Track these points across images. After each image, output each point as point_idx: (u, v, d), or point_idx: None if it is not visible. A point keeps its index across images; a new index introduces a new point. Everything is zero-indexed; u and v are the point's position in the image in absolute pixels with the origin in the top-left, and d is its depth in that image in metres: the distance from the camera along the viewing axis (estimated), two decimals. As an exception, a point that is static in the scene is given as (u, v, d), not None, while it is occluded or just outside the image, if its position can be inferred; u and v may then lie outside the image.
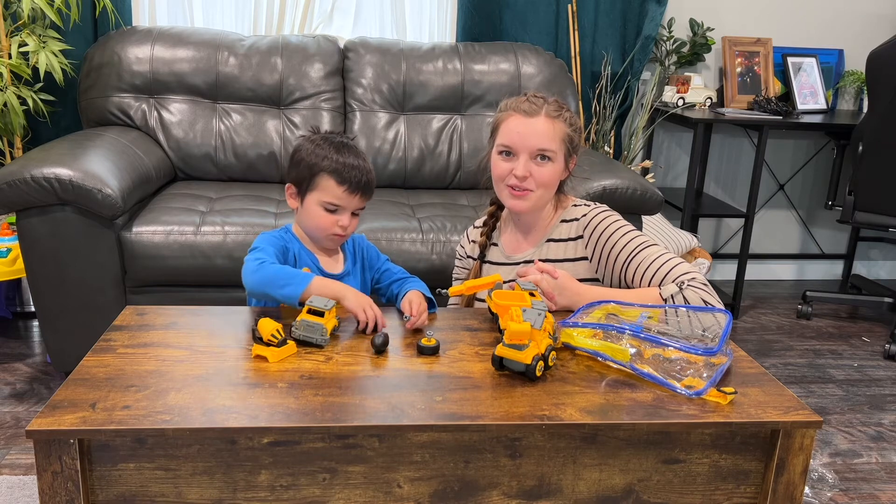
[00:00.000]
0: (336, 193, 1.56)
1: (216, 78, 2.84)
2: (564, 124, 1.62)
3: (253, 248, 1.54)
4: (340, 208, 1.58)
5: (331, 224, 1.58)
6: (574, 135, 1.64)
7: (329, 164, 1.56)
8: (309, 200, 1.58)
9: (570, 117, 1.64)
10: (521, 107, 1.61)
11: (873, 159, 2.92)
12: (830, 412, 2.51)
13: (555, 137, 1.60)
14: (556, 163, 1.61)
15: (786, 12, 3.52)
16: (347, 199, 1.57)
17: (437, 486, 1.16)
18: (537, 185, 1.61)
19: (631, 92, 3.30)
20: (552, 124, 1.60)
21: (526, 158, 1.60)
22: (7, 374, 2.52)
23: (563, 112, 1.63)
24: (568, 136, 1.62)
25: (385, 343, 1.34)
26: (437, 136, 2.97)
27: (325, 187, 1.56)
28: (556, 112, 1.61)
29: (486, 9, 3.16)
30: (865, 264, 3.96)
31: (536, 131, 1.59)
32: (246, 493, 1.13)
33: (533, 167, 1.60)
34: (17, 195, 2.13)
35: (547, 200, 1.67)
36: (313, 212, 1.58)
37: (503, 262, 1.75)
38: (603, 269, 1.64)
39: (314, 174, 1.57)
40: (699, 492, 1.21)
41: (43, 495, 1.09)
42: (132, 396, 1.15)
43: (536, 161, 1.60)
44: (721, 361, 1.30)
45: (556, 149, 1.60)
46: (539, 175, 1.60)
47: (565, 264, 1.66)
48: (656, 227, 3.02)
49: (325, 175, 1.56)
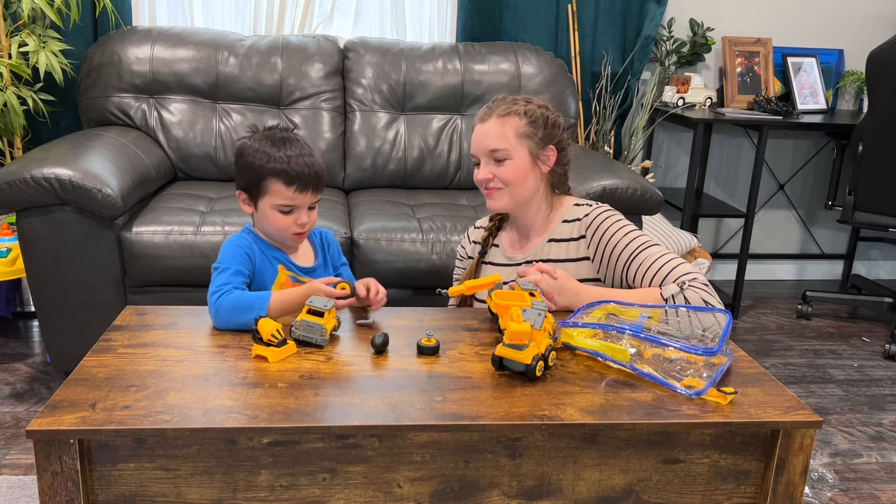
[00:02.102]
0: (287, 195, 1.53)
1: (216, 78, 2.84)
2: (518, 119, 1.62)
3: (215, 266, 1.51)
4: (295, 207, 1.55)
5: (289, 224, 1.56)
6: (533, 128, 1.63)
7: (274, 166, 1.52)
8: (262, 205, 1.56)
9: (528, 111, 1.63)
10: (480, 114, 1.68)
11: (873, 159, 2.92)
12: (830, 412, 2.51)
13: (504, 136, 1.62)
14: (515, 159, 1.62)
15: (786, 12, 3.52)
16: (299, 197, 1.54)
17: (437, 486, 1.16)
18: (504, 184, 1.64)
19: (631, 92, 3.30)
20: (501, 123, 1.62)
21: (485, 161, 1.65)
22: (7, 374, 2.52)
23: (520, 107, 1.63)
24: (525, 131, 1.62)
25: (385, 343, 1.34)
26: (437, 136, 2.97)
27: (275, 190, 1.53)
28: (506, 110, 1.63)
29: (486, 9, 3.16)
30: (865, 264, 3.96)
31: (485, 133, 1.64)
32: (246, 493, 1.13)
33: (493, 169, 1.64)
34: (17, 195, 2.13)
35: (527, 196, 1.67)
36: (269, 216, 1.56)
37: (503, 263, 1.75)
38: (605, 270, 1.64)
39: (261, 178, 1.53)
40: (699, 492, 1.21)
41: (43, 495, 1.09)
42: (132, 396, 1.15)
43: (494, 162, 1.64)
44: (721, 361, 1.30)
45: (509, 146, 1.62)
46: (501, 174, 1.63)
47: (567, 264, 1.66)
48: (656, 227, 3.02)
49: (272, 179, 1.53)
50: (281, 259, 1.61)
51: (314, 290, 1.45)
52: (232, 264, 1.51)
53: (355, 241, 2.40)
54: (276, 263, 1.59)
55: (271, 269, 1.58)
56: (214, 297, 1.43)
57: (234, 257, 1.53)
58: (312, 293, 1.44)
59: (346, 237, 2.40)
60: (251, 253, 1.56)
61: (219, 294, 1.43)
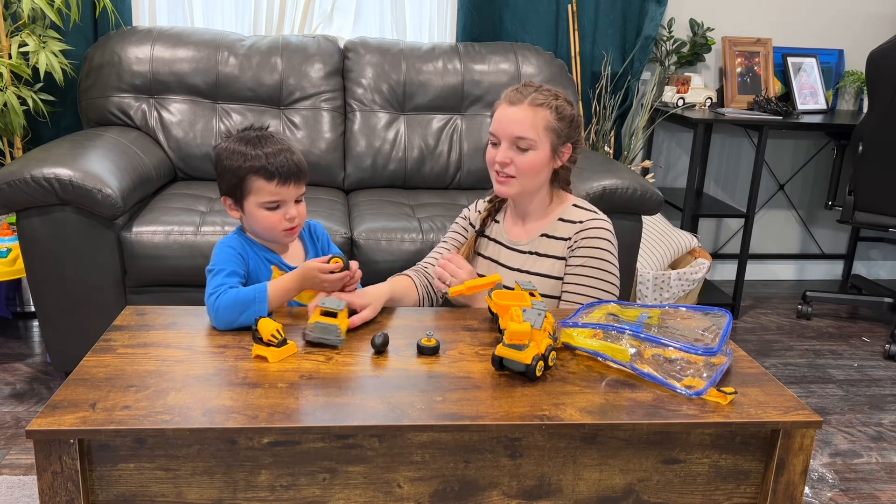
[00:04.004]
0: (270, 190, 1.53)
1: (216, 78, 2.84)
2: (549, 112, 1.62)
3: (209, 269, 1.52)
4: (281, 202, 1.55)
5: (278, 221, 1.56)
6: (561, 124, 1.64)
7: (252, 164, 1.52)
8: (248, 206, 1.56)
9: (560, 106, 1.64)
10: (509, 95, 1.65)
11: (873, 159, 2.92)
12: (830, 412, 2.51)
13: (534, 125, 1.61)
14: (538, 151, 1.62)
15: (786, 12, 3.52)
16: (283, 191, 1.53)
17: (437, 486, 1.16)
18: (519, 173, 1.64)
19: (631, 92, 3.30)
20: (533, 112, 1.61)
21: (507, 146, 1.63)
22: (7, 374, 2.51)
23: (552, 101, 1.63)
24: (553, 125, 1.63)
25: (385, 343, 1.34)
26: (437, 136, 2.97)
27: (257, 188, 1.53)
28: (541, 100, 1.62)
29: (486, 9, 3.16)
30: (865, 264, 3.96)
31: (515, 119, 1.62)
32: (246, 493, 1.13)
33: (514, 155, 1.63)
34: (17, 195, 2.13)
35: (535, 187, 1.69)
36: (257, 215, 1.55)
37: (502, 243, 1.78)
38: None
39: (242, 179, 1.53)
40: (699, 492, 1.21)
41: (43, 495, 1.09)
42: (132, 396, 1.15)
43: (517, 149, 1.63)
44: (721, 361, 1.30)
45: (536, 137, 1.61)
46: (520, 162, 1.63)
47: (553, 261, 1.70)
48: (656, 227, 3.02)
49: (252, 176, 1.52)
50: (273, 260, 1.61)
51: (308, 270, 1.47)
52: (227, 265, 1.51)
53: (355, 241, 2.40)
54: (269, 265, 1.60)
55: (265, 271, 1.59)
56: (212, 299, 1.43)
57: (228, 258, 1.53)
58: (307, 274, 1.46)
59: (346, 237, 2.40)
60: (244, 254, 1.57)
61: (216, 295, 1.43)
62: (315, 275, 1.47)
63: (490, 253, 1.79)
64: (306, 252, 1.69)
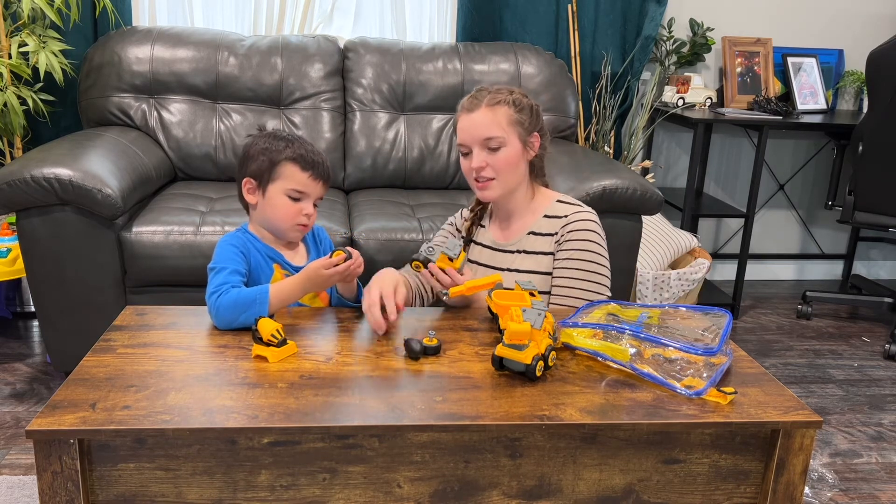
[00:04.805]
0: (300, 179, 1.58)
1: (216, 78, 2.84)
2: (508, 107, 1.66)
3: (211, 267, 1.52)
4: (305, 196, 1.59)
5: (296, 213, 1.59)
6: (522, 115, 1.68)
7: (290, 153, 1.58)
8: (272, 191, 1.59)
9: (517, 99, 1.68)
10: (465, 104, 1.70)
11: (873, 159, 2.92)
12: (830, 412, 2.51)
13: (498, 123, 1.65)
14: (509, 147, 1.66)
15: (786, 12, 3.52)
16: (312, 185, 1.59)
17: (437, 486, 1.16)
18: (497, 173, 1.67)
19: (631, 92, 3.30)
20: (493, 112, 1.65)
21: (478, 150, 1.67)
22: (7, 374, 2.52)
23: (507, 96, 1.67)
24: (515, 118, 1.66)
25: (423, 350, 1.33)
26: (437, 136, 2.97)
27: (289, 175, 1.58)
28: (497, 99, 1.66)
29: (486, 9, 3.16)
30: (865, 264, 3.96)
31: (479, 123, 1.66)
32: (246, 493, 1.13)
33: (487, 157, 1.66)
34: (17, 195, 2.13)
35: (516, 183, 1.71)
36: (277, 202, 1.59)
37: (489, 246, 1.80)
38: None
39: (275, 164, 1.58)
40: (699, 492, 1.21)
41: (43, 495, 1.09)
42: (132, 396, 1.15)
43: (488, 150, 1.66)
44: (721, 361, 1.30)
45: (503, 133, 1.65)
46: (495, 162, 1.66)
47: (541, 257, 1.72)
48: (656, 227, 3.02)
49: (288, 163, 1.58)
50: (276, 258, 1.61)
51: (313, 271, 1.47)
52: (228, 264, 1.52)
53: (355, 241, 2.40)
54: (272, 262, 1.60)
55: (267, 269, 1.59)
56: (213, 298, 1.43)
57: (230, 257, 1.54)
58: (312, 275, 1.47)
59: (346, 237, 2.40)
60: (246, 252, 1.57)
61: (217, 294, 1.43)
62: (320, 273, 1.48)
63: (478, 257, 1.81)
64: (308, 254, 1.71)
